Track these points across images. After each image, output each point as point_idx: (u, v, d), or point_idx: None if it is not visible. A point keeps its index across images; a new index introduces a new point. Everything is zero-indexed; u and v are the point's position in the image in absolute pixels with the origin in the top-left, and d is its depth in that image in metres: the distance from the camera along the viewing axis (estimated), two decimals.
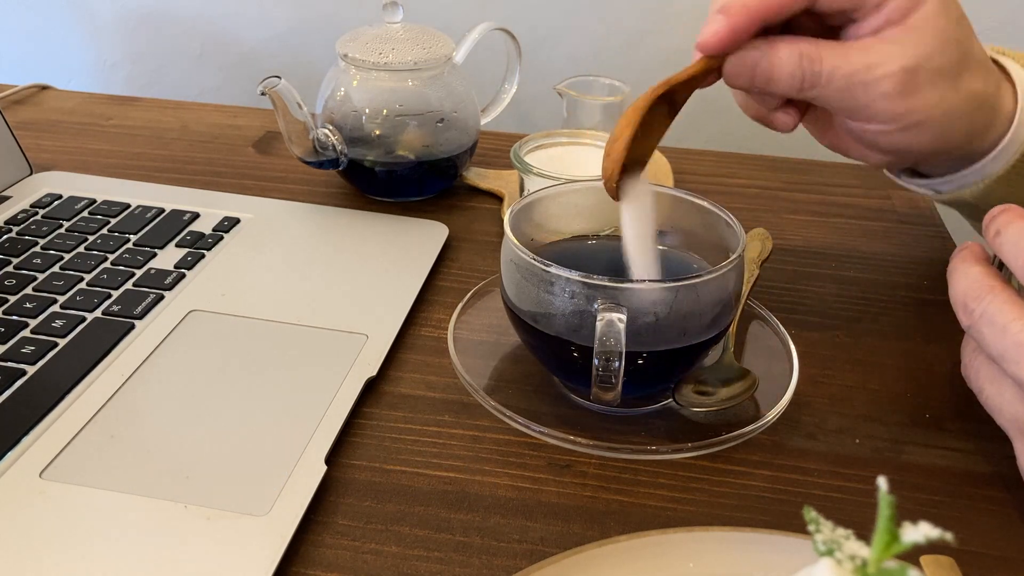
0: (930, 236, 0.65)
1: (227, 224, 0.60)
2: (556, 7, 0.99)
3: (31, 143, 0.72)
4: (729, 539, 0.36)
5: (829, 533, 0.23)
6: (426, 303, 0.54)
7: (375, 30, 0.63)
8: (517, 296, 0.43)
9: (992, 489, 0.42)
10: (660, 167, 0.70)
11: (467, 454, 0.43)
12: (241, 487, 0.39)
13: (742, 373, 0.46)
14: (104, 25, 1.08)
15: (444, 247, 0.59)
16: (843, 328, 0.54)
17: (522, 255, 0.42)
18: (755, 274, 0.53)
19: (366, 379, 0.46)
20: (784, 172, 0.74)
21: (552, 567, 0.34)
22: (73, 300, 0.51)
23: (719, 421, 0.44)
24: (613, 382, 0.40)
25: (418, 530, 0.39)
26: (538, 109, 0.98)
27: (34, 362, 0.46)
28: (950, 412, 0.47)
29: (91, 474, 0.39)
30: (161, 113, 0.81)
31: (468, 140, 0.66)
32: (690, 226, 0.48)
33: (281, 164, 0.71)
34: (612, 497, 0.41)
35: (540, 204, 0.48)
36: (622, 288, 0.40)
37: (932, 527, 0.20)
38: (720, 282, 0.42)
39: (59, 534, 0.36)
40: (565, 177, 0.57)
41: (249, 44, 1.06)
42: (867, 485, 0.42)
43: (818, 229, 0.65)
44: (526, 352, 0.49)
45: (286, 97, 0.58)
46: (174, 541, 0.36)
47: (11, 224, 0.59)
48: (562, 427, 0.42)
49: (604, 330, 0.39)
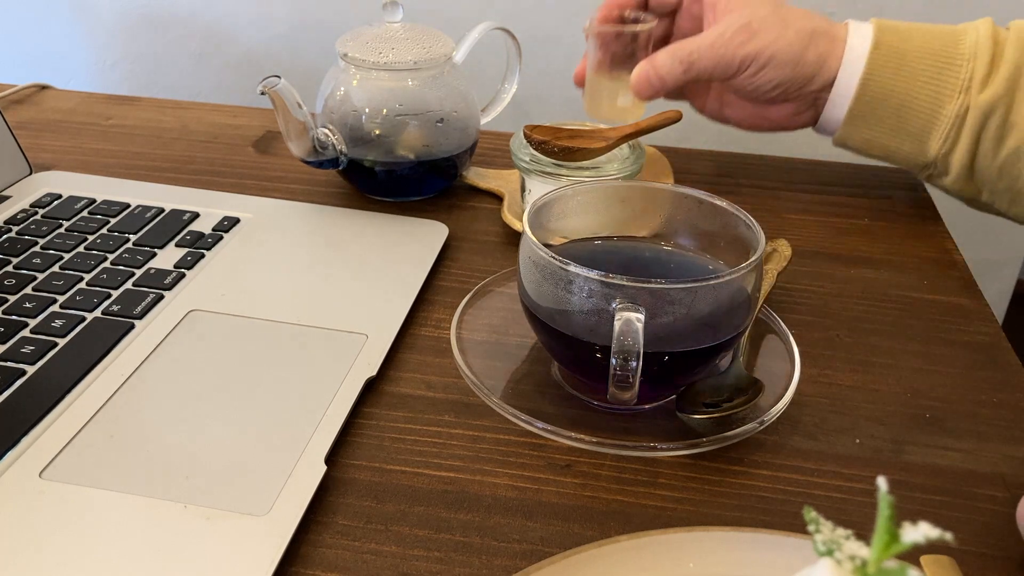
0: (930, 236, 0.65)
1: (227, 224, 0.60)
2: (557, 7, 0.99)
3: (31, 143, 0.72)
4: (729, 539, 0.36)
5: (829, 533, 0.23)
6: (426, 303, 0.54)
7: (375, 30, 0.63)
8: (535, 294, 0.44)
9: (992, 489, 0.42)
10: (660, 167, 0.70)
11: (467, 454, 0.43)
12: (241, 487, 0.39)
13: (750, 382, 0.45)
14: (104, 25, 1.08)
15: (444, 247, 0.59)
16: (843, 328, 0.54)
17: (541, 253, 0.42)
18: (772, 282, 0.53)
19: (366, 379, 0.46)
20: (784, 172, 0.74)
21: (552, 567, 0.34)
22: (73, 300, 0.51)
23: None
24: (630, 381, 0.40)
25: (418, 530, 0.39)
26: (538, 109, 0.98)
27: (34, 362, 0.46)
28: (950, 412, 0.47)
29: (91, 474, 0.39)
30: (161, 113, 0.81)
31: (468, 140, 0.66)
32: (708, 227, 0.48)
33: (281, 164, 0.71)
34: (612, 497, 0.41)
35: (557, 203, 0.48)
36: (641, 287, 0.40)
37: (932, 527, 0.20)
38: (739, 284, 0.42)
39: (59, 534, 0.36)
40: (564, 175, 0.57)
41: (249, 44, 1.06)
42: (867, 485, 0.42)
43: (818, 229, 0.65)
44: (527, 352, 0.49)
45: (286, 97, 0.58)
46: (174, 541, 0.36)
47: (11, 224, 0.59)
48: (564, 425, 0.42)
49: (622, 329, 0.39)
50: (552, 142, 0.58)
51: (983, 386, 0.49)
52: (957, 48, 0.59)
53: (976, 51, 0.58)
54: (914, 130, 0.60)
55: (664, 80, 0.61)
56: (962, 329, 0.54)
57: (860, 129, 0.62)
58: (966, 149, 0.59)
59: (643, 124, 0.60)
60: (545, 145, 0.58)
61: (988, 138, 0.59)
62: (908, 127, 0.60)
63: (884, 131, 0.61)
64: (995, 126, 0.58)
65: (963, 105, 0.58)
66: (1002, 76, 0.57)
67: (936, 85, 0.59)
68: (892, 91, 0.60)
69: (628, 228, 0.50)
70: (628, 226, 0.50)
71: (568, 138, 0.59)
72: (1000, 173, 0.59)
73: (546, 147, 0.58)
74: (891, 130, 0.61)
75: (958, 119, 0.59)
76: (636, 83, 0.61)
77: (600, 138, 0.59)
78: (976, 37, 0.59)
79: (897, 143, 0.61)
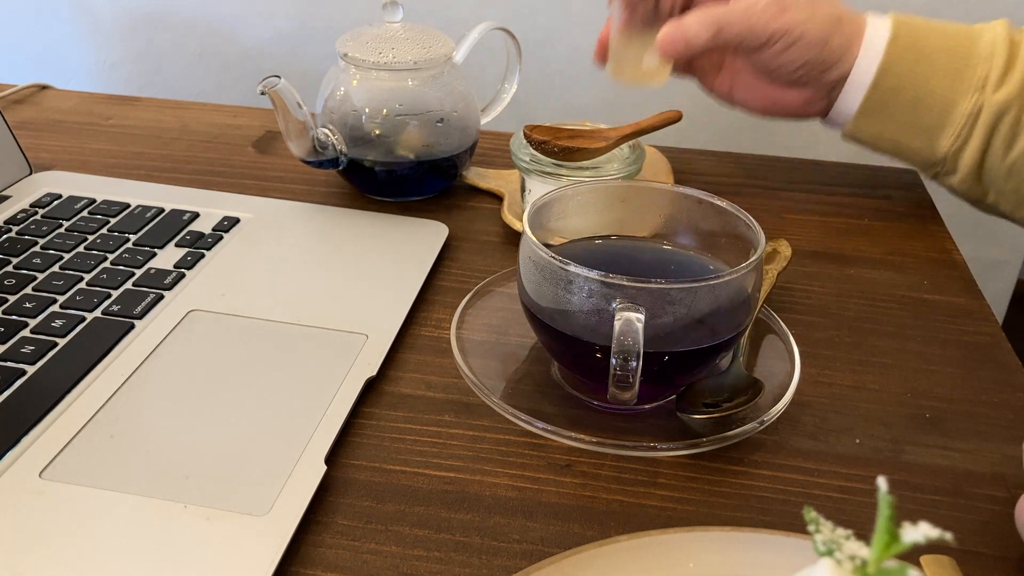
0: (930, 236, 0.65)
1: (227, 224, 0.60)
2: (556, 7, 0.99)
3: (31, 143, 0.72)
4: (729, 539, 0.36)
5: (829, 533, 0.22)
6: (426, 303, 0.54)
7: (375, 30, 0.63)
8: (535, 294, 0.44)
9: (992, 489, 0.42)
10: (660, 166, 0.70)
11: (467, 454, 0.43)
12: (241, 487, 0.39)
13: (750, 382, 0.45)
14: (104, 25, 1.08)
15: (444, 247, 0.59)
16: (843, 328, 0.54)
17: (541, 253, 0.42)
18: (772, 282, 0.53)
19: (366, 379, 0.46)
20: (784, 172, 0.74)
21: (552, 567, 0.34)
22: (73, 300, 0.51)
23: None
24: (630, 381, 0.40)
25: (418, 530, 0.39)
26: (538, 109, 0.98)
27: (34, 362, 0.46)
28: (950, 412, 0.47)
29: (91, 474, 0.39)
30: (161, 113, 0.81)
31: (468, 140, 0.66)
32: (708, 228, 0.48)
33: (281, 164, 0.71)
34: (612, 497, 0.41)
35: (557, 203, 0.48)
36: (641, 287, 0.40)
37: (932, 527, 0.20)
38: (739, 283, 0.42)
39: (59, 534, 0.36)
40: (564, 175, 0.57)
41: (249, 44, 1.06)
42: (867, 485, 0.42)
43: (818, 229, 0.65)
44: (527, 352, 0.49)
45: (286, 97, 0.58)
46: (174, 541, 0.36)
47: (11, 224, 0.59)
48: (564, 425, 0.42)
49: (622, 329, 0.39)
50: (552, 142, 0.58)
51: (983, 386, 0.49)
52: (975, 47, 0.59)
53: (993, 51, 0.58)
54: (927, 125, 0.60)
55: (691, 42, 0.59)
56: (962, 329, 0.54)
57: (872, 122, 0.61)
58: (977, 148, 0.59)
59: (643, 124, 0.60)
60: (545, 145, 0.58)
61: (1000, 138, 0.59)
62: (921, 122, 0.60)
63: (896, 125, 0.61)
64: (1007, 126, 0.58)
65: (977, 104, 0.58)
66: (1018, 77, 0.58)
67: (952, 82, 0.59)
68: (907, 85, 0.59)
69: (628, 228, 0.50)
70: (628, 226, 0.50)
71: (568, 138, 0.59)
72: (1009, 174, 0.60)
73: (546, 147, 0.58)
74: (903, 125, 0.61)
75: (971, 117, 0.59)
76: (663, 42, 0.60)
77: (600, 138, 0.59)
78: (993, 37, 0.59)
79: (908, 138, 0.61)
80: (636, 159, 0.59)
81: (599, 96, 1.01)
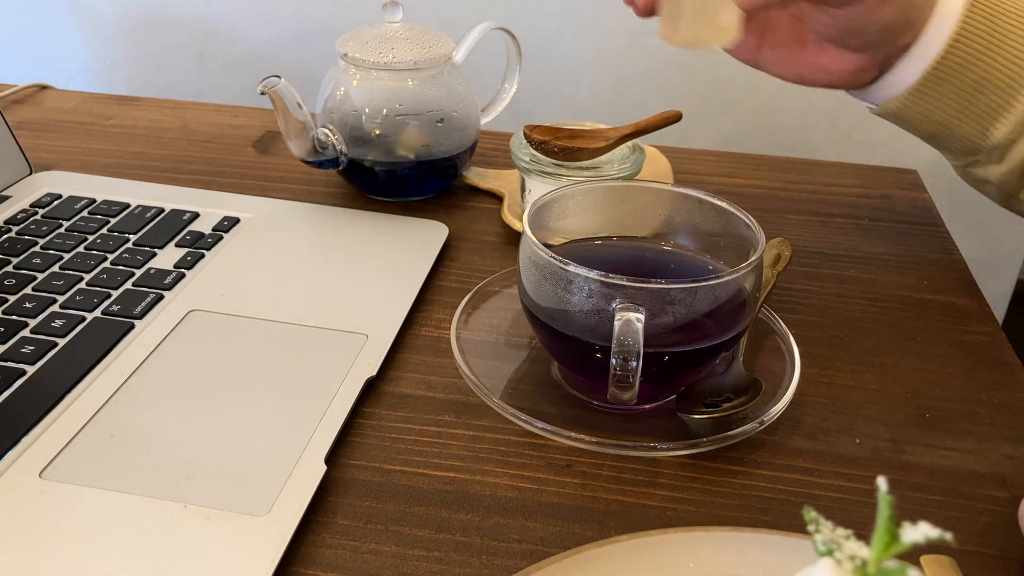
0: (930, 236, 0.65)
1: (227, 224, 0.60)
2: (556, 7, 0.99)
3: (31, 143, 0.72)
4: (729, 539, 0.36)
5: (829, 533, 0.22)
6: (426, 303, 0.54)
7: (375, 30, 0.63)
8: (535, 294, 0.44)
9: (992, 489, 0.42)
10: (660, 167, 0.70)
11: (467, 454, 0.43)
12: (241, 487, 0.39)
13: (750, 382, 0.45)
14: (104, 25, 1.08)
15: (444, 247, 0.59)
16: (843, 328, 0.54)
17: (541, 253, 0.42)
18: (772, 282, 0.53)
19: (366, 379, 0.46)
20: (784, 172, 0.74)
21: (552, 567, 0.34)
22: (73, 300, 0.51)
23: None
24: (630, 381, 0.40)
25: (418, 530, 0.39)
26: (538, 109, 0.98)
27: (34, 362, 0.46)
28: (950, 412, 0.47)
29: (91, 474, 0.39)
30: (161, 113, 0.81)
31: (468, 140, 0.66)
32: (708, 228, 0.48)
33: (281, 164, 0.71)
34: (612, 497, 0.41)
35: (557, 203, 0.48)
36: (641, 287, 0.40)
37: (932, 527, 0.20)
38: (738, 284, 0.42)
39: (59, 534, 0.36)
40: (564, 175, 0.57)
41: (249, 44, 1.06)
42: (867, 485, 0.42)
43: (818, 229, 0.65)
44: (527, 352, 0.49)
45: (286, 97, 0.58)
46: (174, 541, 0.36)
47: (11, 224, 0.59)
48: (564, 425, 0.42)
49: (622, 329, 0.39)
50: (552, 142, 0.58)
51: (983, 386, 0.49)
52: None
53: None
54: (985, 109, 0.54)
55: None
56: (962, 329, 0.54)
57: (926, 99, 0.54)
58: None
59: (643, 124, 0.60)
60: (545, 145, 0.58)
61: None
62: (979, 105, 0.54)
63: (951, 105, 0.55)
64: None
65: None
66: None
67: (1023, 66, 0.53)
68: (975, 63, 0.53)
69: (628, 228, 0.50)
70: (628, 226, 0.50)
71: (568, 138, 0.59)
72: None
73: (546, 147, 0.58)
74: (959, 106, 0.55)
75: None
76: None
77: (600, 138, 0.59)
78: None
79: (960, 121, 0.55)
80: (636, 159, 0.59)
81: (599, 96, 1.02)
